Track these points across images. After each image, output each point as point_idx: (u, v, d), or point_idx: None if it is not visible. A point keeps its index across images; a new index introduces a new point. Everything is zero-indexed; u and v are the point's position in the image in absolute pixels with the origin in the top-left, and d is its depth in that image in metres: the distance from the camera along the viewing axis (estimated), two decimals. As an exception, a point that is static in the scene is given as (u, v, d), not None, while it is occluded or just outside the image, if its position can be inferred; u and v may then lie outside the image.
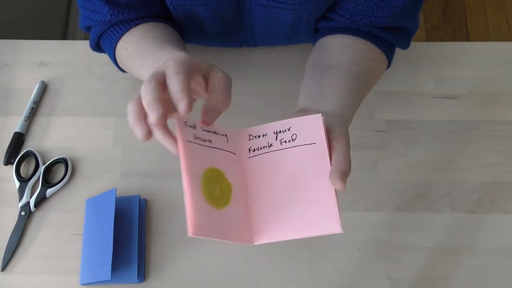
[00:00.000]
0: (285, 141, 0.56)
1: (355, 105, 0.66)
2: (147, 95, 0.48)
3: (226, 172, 0.55)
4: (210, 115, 0.53)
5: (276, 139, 0.56)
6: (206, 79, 0.53)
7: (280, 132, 0.56)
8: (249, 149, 0.57)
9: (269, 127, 0.57)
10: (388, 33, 0.71)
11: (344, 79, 0.66)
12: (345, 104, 0.63)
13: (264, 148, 0.56)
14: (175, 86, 0.48)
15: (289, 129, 0.56)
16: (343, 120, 0.61)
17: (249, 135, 0.57)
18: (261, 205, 0.55)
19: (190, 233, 0.48)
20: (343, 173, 0.52)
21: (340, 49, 0.70)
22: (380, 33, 0.71)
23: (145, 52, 0.66)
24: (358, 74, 0.68)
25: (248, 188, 0.55)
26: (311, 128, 0.55)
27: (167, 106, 0.49)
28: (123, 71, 0.76)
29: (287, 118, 0.58)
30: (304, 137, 0.55)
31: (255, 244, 0.53)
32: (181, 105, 0.48)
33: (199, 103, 0.54)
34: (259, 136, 0.57)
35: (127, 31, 0.70)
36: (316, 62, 0.71)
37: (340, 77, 0.66)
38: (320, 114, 0.56)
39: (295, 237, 0.53)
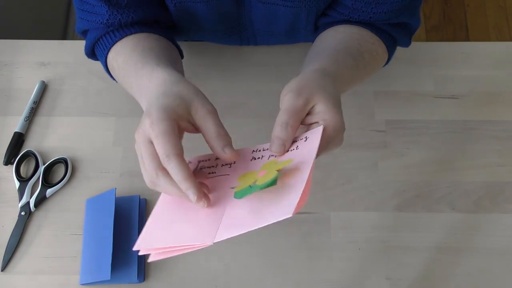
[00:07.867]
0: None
1: (346, 79, 0.64)
2: (167, 190, 0.52)
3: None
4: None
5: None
6: (191, 122, 0.55)
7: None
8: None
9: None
10: (387, 27, 0.72)
11: (330, 52, 0.65)
12: (332, 69, 0.61)
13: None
14: (176, 176, 0.50)
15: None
16: (331, 78, 0.58)
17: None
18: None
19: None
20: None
21: (333, 35, 0.71)
22: (379, 26, 0.71)
23: (130, 68, 0.65)
24: (348, 49, 0.67)
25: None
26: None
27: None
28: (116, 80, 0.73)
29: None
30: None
31: (214, 242, 0.50)
32: (190, 195, 0.50)
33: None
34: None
35: (120, 39, 0.68)
36: (309, 53, 0.71)
37: (326, 52, 0.66)
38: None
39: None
